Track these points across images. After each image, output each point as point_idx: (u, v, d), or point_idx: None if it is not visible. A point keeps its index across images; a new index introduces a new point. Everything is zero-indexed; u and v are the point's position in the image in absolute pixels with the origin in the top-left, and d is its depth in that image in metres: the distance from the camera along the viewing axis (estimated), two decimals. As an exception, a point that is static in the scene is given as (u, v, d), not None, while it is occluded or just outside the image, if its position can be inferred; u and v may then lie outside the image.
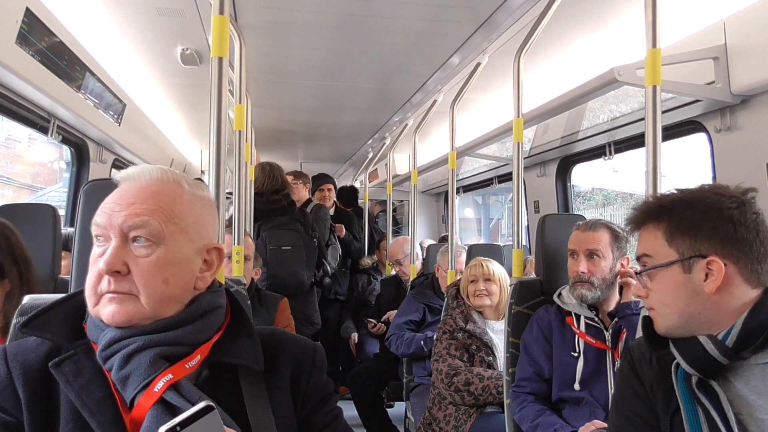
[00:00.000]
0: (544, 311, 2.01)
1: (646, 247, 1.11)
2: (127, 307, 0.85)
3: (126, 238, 0.86)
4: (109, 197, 0.90)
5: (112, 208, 0.87)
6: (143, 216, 0.86)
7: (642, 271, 1.12)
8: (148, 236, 0.86)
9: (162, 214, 0.88)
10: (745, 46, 2.07)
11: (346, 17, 2.60)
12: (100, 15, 2.65)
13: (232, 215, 2.13)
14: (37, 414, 0.83)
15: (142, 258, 0.86)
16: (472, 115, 4.31)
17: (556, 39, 2.77)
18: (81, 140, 3.34)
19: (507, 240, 7.15)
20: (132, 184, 0.90)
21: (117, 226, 0.86)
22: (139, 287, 0.85)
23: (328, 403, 1.02)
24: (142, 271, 0.85)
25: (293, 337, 1.04)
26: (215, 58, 1.50)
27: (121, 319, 0.85)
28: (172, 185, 0.91)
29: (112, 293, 0.85)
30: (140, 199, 0.88)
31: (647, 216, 1.13)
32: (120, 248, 0.85)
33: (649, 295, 1.10)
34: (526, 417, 1.89)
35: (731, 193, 1.07)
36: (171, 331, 0.86)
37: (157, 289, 0.86)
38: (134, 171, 0.92)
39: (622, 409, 1.15)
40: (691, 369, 1.05)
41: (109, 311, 0.85)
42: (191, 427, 0.69)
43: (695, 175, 3.46)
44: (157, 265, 0.86)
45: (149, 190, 0.89)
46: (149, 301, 0.86)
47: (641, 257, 1.12)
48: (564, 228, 2.10)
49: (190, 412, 0.70)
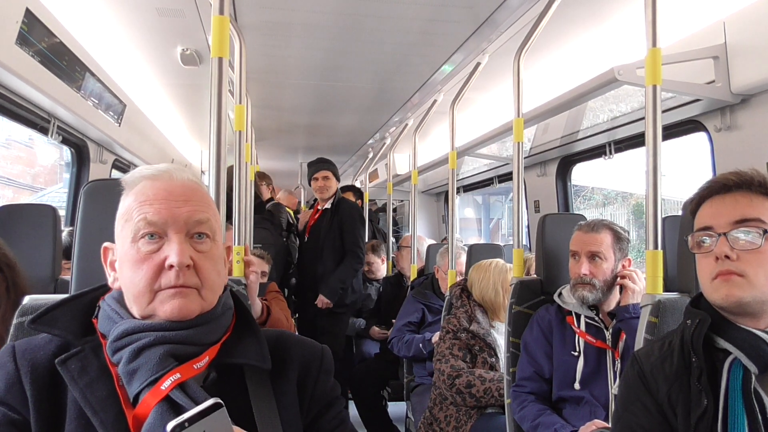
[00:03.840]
0: (544, 311, 2.01)
1: (760, 212, 1.06)
2: (193, 300, 0.87)
3: (187, 233, 0.88)
4: (148, 193, 0.89)
5: (170, 204, 0.88)
6: (204, 212, 0.91)
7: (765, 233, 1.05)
8: (209, 231, 0.91)
9: (210, 209, 0.93)
10: (745, 46, 2.07)
11: (346, 17, 2.60)
12: (100, 15, 2.65)
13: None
14: (43, 412, 0.83)
15: (204, 252, 0.89)
16: (472, 114, 4.31)
17: (555, 38, 2.77)
18: (81, 141, 3.34)
19: (507, 240, 7.15)
20: (171, 182, 0.91)
21: (181, 222, 0.88)
22: (202, 280, 0.88)
23: (335, 407, 1.02)
24: (204, 266, 0.89)
25: (300, 340, 1.04)
26: (215, 59, 1.50)
27: (188, 312, 0.86)
28: (197, 183, 0.94)
29: (179, 287, 0.86)
30: (193, 197, 0.91)
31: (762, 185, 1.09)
32: (185, 242, 0.88)
33: (740, 259, 1.05)
34: (526, 417, 1.90)
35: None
36: (183, 330, 0.86)
37: (215, 282, 0.91)
38: (164, 168, 0.93)
39: (628, 422, 1.12)
40: (752, 364, 1.02)
41: (174, 305, 0.86)
42: (199, 423, 0.69)
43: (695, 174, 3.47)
44: (213, 259, 0.91)
45: (191, 187, 0.92)
46: (208, 293, 0.89)
47: (751, 221, 1.06)
48: (564, 227, 2.10)
49: (198, 408, 0.70)
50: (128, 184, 0.92)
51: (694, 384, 1.06)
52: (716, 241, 1.08)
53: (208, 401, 0.71)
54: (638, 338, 1.50)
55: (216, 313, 0.91)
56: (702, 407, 1.03)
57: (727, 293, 1.05)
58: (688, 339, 1.10)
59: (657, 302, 1.47)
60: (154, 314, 0.87)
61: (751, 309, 1.05)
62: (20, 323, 1.07)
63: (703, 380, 1.05)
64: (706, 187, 1.14)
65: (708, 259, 1.09)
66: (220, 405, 0.71)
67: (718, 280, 1.07)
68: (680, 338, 1.12)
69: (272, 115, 4.59)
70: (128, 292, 0.89)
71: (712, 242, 1.09)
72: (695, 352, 1.07)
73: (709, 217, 1.11)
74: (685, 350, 1.10)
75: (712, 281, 1.08)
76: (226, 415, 0.71)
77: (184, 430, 0.68)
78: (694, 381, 1.06)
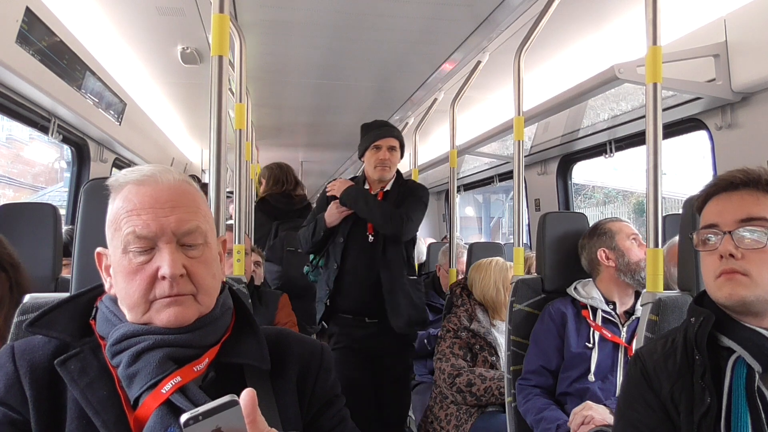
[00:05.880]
0: (559, 303, 2.02)
1: (766, 211, 1.06)
2: (189, 306, 0.87)
3: (178, 241, 0.87)
4: (134, 201, 0.87)
5: (157, 214, 0.86)
6: (193, 220, 0.89)
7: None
8: (199, 237, 0.89)
9: (199, 213, 0.91)
10: (745, 44, 2.07)
11: (346, 16, 2.60)
12: (100, 14, 2.65)
13: (232, 214, 2.13)
14: (43, 412, 0.83)
15: (196, 258, 0.89)
16: (473, 113, 4.31)
17: (556, 37, 2.77)
18: (81, 139, 3.34)
19: (508, 238, 7.15)
20: (156, 186, 0.89)
21: (170, 232, 0.86)
22: (196, 286, 0.88)
23: (335, 405, 1.02)
24: (198, 271, 0.88)
25: (300, 338, 1.04)
26: (215, 57, 1.50)
27: (184, 319, 0.86)
28: (187, 184, 0.93)
29: (174, 296, 0.86)
30: (181, 201, 0.89)
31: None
32: (176, 252, 0.87)
33: (745, 258, 1.05)
34: (530, 410, 1.91)
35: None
36: (182, 334, 0.86)
37: (210, 286, 0.90)
38: (149, 172, 0.90)
39: (630, 418, 1.12)
40: (755, 362, 1.02)
41: (170, 314, 0.85)
42: (213, 418, 0.69)
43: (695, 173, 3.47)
44: (207, 263, 0.90)
45: (179, 191, 0.90)
46: (204, 297, 0.89)
47: (757, 219, 1.06)
48: (565, 226, 2.11)
49: (214, 403, 0.70)
50: (114, 187, 0.91)
51: (697, 382, 1.06)
52: (721, 239, 1.07)
53: (225, 398, 0.71)
54: (638, 336, 1.50)
55: (215, 314, 0.91)
56: (705, 405, 1.03)
57: (730, 292, 1.05)
58: (691, 337, 1.09)
59: (657, 300, 1.47)
60: (151, 323, 0.86)
61: (755, 308, 1.05)
62: (20, 322, 1.07)
63: (707, 378, 1.05)
64: (713, 184, 1.13)
65: (712, 257, 1.08)
66: (236, 402, 0.71)
67: (722, 279, 1.06)
68: (684, 336, 1.12)
69: (273, 114, 4.59)
70: (123, 302, 0.88)
71: (717, 240, 1.08)
72: (699, 349, 1.07)
73: (714, 214, 1.11)
74: (689, 348, 1.09)
75: (716, 279, 1.08)
76: (241, 413, 0.71)
77: (197, 423, 0.68)
78: (698, 379, 1.06)
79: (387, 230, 2.45)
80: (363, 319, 2.53)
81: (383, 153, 2.58)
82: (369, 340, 2.52)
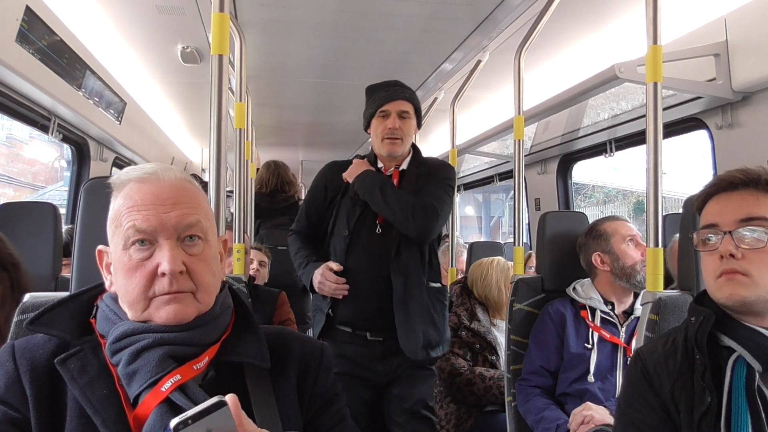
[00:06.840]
0: (558, 303, 2.01)
1: (766, 211, 1.06)
2: (188, 304, 0.87)
3: (178, 237, 0.87)
4: (135, 198, 0.87)
5: (158, 210, 0.86)
6: (194, 215, 0.89)
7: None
8: (199, 234, 0.89)
9: (200, 209, 0.91)
10: (746, 43, 2.07)
11: (347, 15, 2.60)
12: (101, 13, 2.65)
13: (233, 213, 2.13)
14: (43, 410, 0.83)
15: (197, 255, 0.88)
16: (473, 112, 4.31)
17: (556, 36, 2.77)
18: (81, 139, 3.34)
19: (507, 238, 7.15)
20: (158, 184, 0.89)
21: (171, 228, 0.86)
22: (196, 284, 0.88)
23: (335, 404, 1.01)
24: (197, 269, 0.88)
25: (301, 337, 1.04)
26: (215, 56, 1.50)
27: (184, 316, 0.86)
28: (188, 182, 0.93)
29: (173, 293, 0.85)
30: (182, 198, 0.89)
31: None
32: (176, 248, 0.86)
33: (745, 258, 1.04)
34: (530, 410, 1.90)
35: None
36: (182, 332, 0.86)
37: (210, 283, 0.90)
38: (151, 170, 0.91)
39: (630, 417, 1.12)
40: (756, 361, 1.02)
41: (170, 311, 0.85)
42: (203, 420, 0.69)
43: (695, 172, 3.47)
44: (207, 260, 0.90)
45: (180, 189, 0.90)
46: (204, 295, 0.89)
47: (757, 219, 1.05)
48: (565, 225, 2.11)
49: (202, 406, 0.70)
50: (116, 185, 0.91)
51: (697, 381, 1.06)
52: (722, 239, 1.07)
53: (212, 399, 0.71)
54: (639, 336, 1.50)
55: (214, 313, 0.91)
56: (705, 404, 1.03)
57: (731, 292, 1.05)
58: (692, 336, 1.09)
59: (657, 300, 1.47)
60: (151, 320, 0.86)
61: (756, 308, 1.05)
62: (20, 321, 1.07)
63: (707, 377, 1.05)
64: (713, 184, 1.13)
65: (713, 257, 1.08)
66: (224, 403, 0.71)
67: (723, 279, 1.06)
68: (684, 335, 1.12)
69: (273, 113, 4.59)
70: (123, 299, 0.88)
71: (718, 240, 1.08)
72: (699, 349, 1.07)
73: (715, 214, 1.11)
74: (689, 347, 1.09)
75: (717, 279, 1.07)
76: (230, 414, 0.71)
77: (187, 427, 0.68)
78: (698, 378, 1.06)
79: (411, 231, 1.90)
80: (363, 336, 1.95)
81: (392, 120, 1.98)
82: (370, 363, 1.95)
